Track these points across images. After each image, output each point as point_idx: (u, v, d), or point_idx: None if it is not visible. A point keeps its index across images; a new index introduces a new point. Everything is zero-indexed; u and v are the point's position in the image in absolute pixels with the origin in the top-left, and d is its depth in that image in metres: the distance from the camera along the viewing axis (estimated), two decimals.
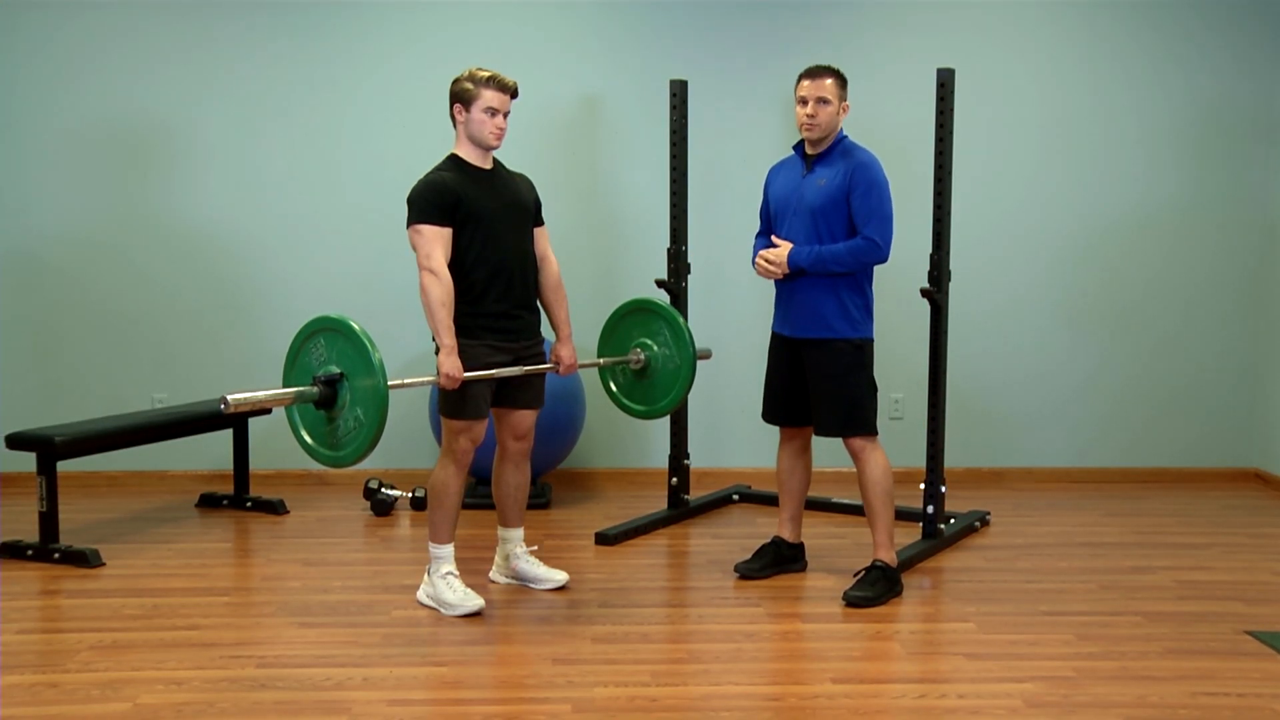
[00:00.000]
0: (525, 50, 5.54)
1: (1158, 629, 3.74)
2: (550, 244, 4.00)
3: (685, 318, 4.97)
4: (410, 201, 3.71)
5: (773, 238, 4.07)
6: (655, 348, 4.33)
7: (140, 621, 3.76)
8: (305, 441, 3.55)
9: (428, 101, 5.49)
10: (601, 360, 4.36)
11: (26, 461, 4.51)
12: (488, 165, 3.85)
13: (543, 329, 4.00)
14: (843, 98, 3.97)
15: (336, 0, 5.55)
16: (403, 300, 5.24)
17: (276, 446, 5.40)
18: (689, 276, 5.07)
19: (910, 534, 4.64)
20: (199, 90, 5.54)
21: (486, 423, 3.83)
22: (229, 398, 3.32)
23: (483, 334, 3.77)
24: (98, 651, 3.49)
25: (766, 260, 4.02)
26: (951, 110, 4.56)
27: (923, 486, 4.66)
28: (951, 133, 4.57)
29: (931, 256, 4.55)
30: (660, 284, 5.00)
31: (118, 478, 5.63)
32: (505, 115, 3.79)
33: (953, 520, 4.86)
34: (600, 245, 5.71)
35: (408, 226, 3.70)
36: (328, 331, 3.48)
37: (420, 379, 3.76)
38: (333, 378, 3.44)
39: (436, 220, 3.67)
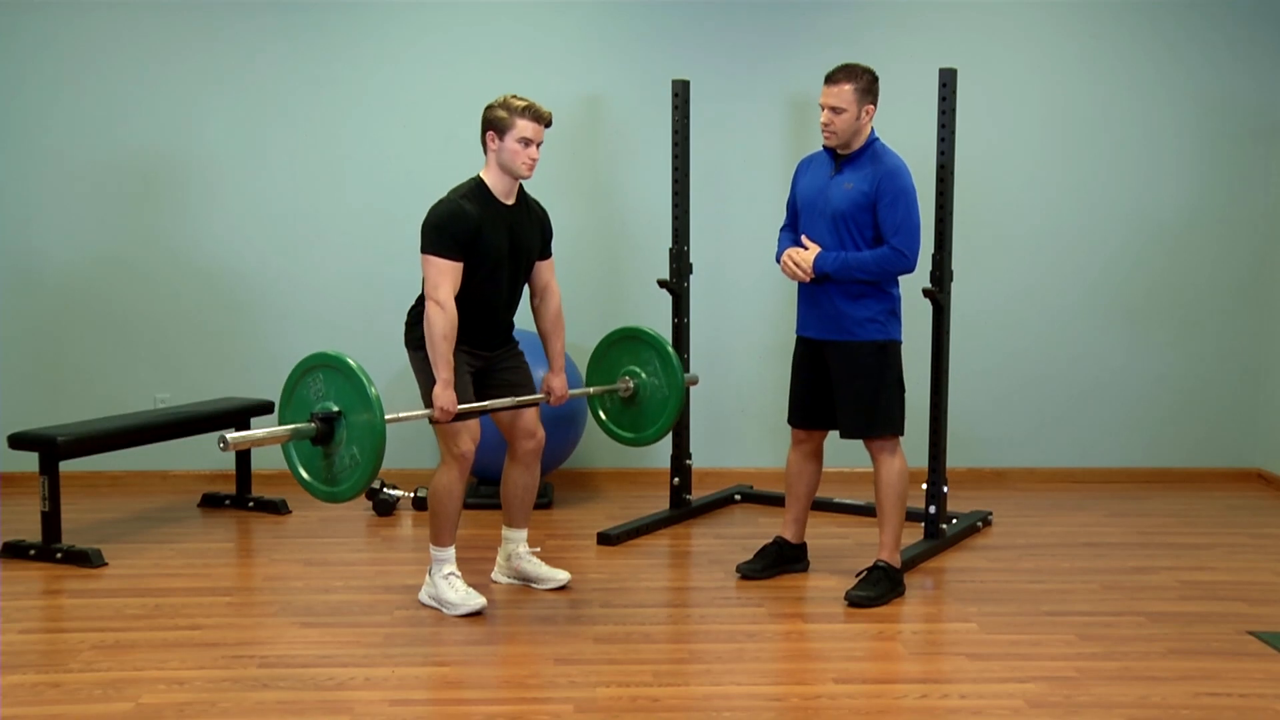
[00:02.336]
0: (527, 50, 5.54)
1: (1160, 629, 3.74)
2: (554, 273, 3.99)
3: (686, 317, 5.00)
4: (428, 227, 3.66)
5: (803, 238, 4.04)
6: (644, 375, 4.33)
7: (142, 621, 3.76)
8: (302, 477, 3.55)
9: (429, 102, 5.51)
10: (591, 389, 4.37)
11: (29, 461, 4.51)
12: (511, 200, 3.79)
13: (524, 326, 4.01)
14: (864, 102, 3.90)
15: (339, 1, 5.55)
16: (404, 302, 5.15)
17: (278, 447, 5.38)
18: (691, 276, 5.07)
19: (912, 534, 4.63)
20: (199, 93, 5.53)
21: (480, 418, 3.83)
22: (228, 436, 3.33)
23: (458, 343, 3.74)
24: (100, 651, 3.49)
25: (793, 262, 4.00)
26: (954, 110, 4.56)
27: (925, 486, 4.66)
28: (954, 133, 4.57)
29: (934, 256, 4.54)
30: (662, 284, 5.00)
31: (120, 478, 5.63)
32: (539, 145, 3.75)
33: (955, 520, 4.85)
34: (602, 245, 5.70)
35: (422, 251, 3.67)
36: (325, 368, 3.47)
37: (415, 413, 3.73)
38: (330, 415, 3.44)
39: (450, 254, 3.64)
